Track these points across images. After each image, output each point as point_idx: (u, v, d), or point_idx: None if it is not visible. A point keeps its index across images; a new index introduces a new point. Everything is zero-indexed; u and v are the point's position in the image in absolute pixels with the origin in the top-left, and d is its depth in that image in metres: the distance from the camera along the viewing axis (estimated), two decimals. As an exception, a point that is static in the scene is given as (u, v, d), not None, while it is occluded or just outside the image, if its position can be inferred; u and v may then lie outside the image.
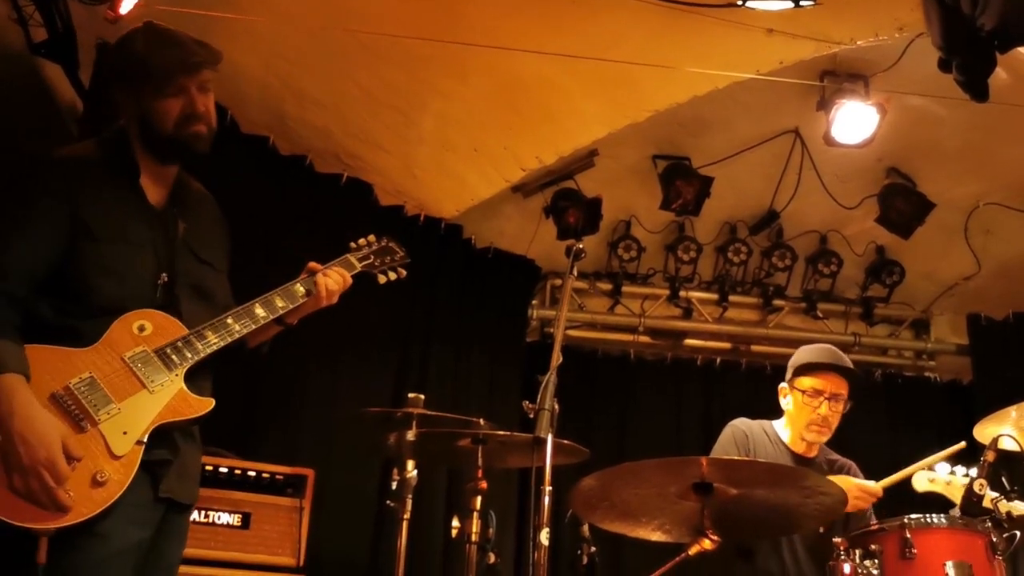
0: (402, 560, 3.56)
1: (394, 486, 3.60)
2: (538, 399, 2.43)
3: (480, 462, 3.20)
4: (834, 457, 3.74)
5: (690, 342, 6.39)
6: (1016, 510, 3.02)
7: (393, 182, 5.41)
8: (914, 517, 2.98)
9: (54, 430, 2.06)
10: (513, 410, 4.59)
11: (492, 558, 3.22)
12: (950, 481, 3.31)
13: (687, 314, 6.34)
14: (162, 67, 2.32)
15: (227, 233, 2.62)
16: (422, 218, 5.60)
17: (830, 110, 4.95)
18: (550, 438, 2.38)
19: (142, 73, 2.33)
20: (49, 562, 2.03)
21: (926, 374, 6.50)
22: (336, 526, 4.60)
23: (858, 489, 3.37)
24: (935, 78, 3.45)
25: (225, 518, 3.74)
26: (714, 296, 6.28)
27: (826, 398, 3.56)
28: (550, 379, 2.45)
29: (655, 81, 4.55)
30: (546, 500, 2.34)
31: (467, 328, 5.66)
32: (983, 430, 3.18)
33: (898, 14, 4.18)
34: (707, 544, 2.77)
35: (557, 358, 2.52)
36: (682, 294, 6.24)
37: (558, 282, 6.25)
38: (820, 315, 6.35)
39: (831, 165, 5.55)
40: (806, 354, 3.68)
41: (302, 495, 3.92)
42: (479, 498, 3.21)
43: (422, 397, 3.69)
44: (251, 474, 3.85)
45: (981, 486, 2.97)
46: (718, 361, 6.36)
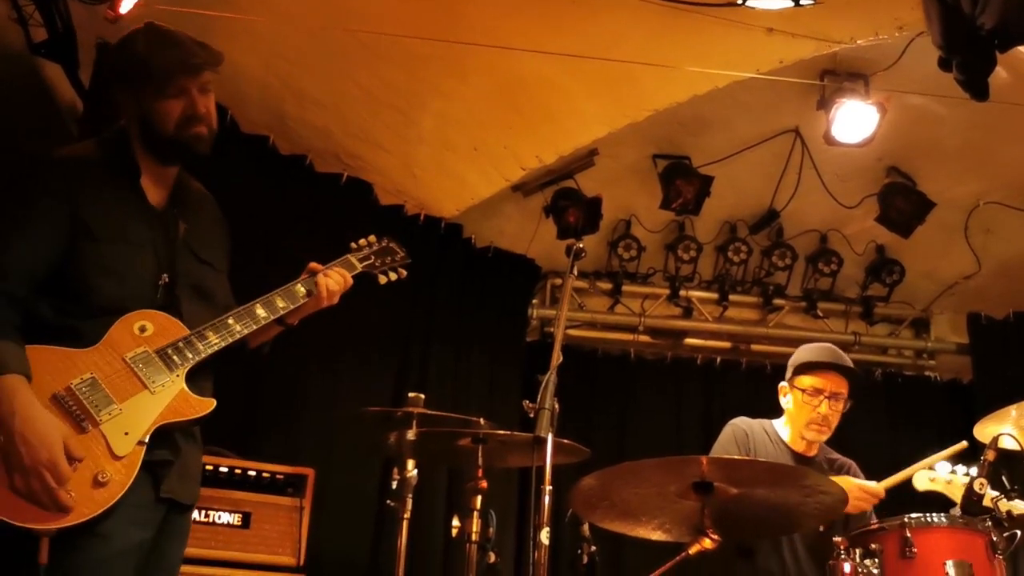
0: (402, 559, 3.56)
1: (394, 485, 3.61)
2: (538, 398, 2.43)
3: (480, 461, 3.20)
4: (834, 456, 3.74)
5: (690, 341, 6.39)
6: (1016, 509, 3.02)
7: (393, 182, 5.41)
8: (914, 516, 2.98)
9: (55, 431, 2.06)
10: (513, 409, 4.60)
11: (492, 557, 3.22)
12: (950, 480, 3.31)
13: (687, 313, 6.34)
14: (163, 68, 2.32)
15: (227, 233, 2.62)
16: (422, 217, 5.60)
17: (830, 109, 4.95)
18: (550, 437, 2.38)
19: (143, 74, 2.33)
20: (51, 562, 2.04)
21: (926, 373, 6.50)
22: (336, 526, 4.60)
23: (859, 490, 3.37)
24: (935, 77, 3.45)
25: (225, 517, 3.75)
26: (714, 295, 6.28)
27: (826, 397, 3.56)
28: (550, 378, 2.45)
29: (655, 80, 4.55)
30: (546, 499, 2.34)
31: (467, 327, 5.66)
32: (983, 429, 3.17)
33: (898, 13, 4.17)
34: (707, 543, 2.77)
35: (557, 357, 2.52)
36: (682, 293, 6.24)
37: (558, 281, 6.25)
38: (820, 314, 6.35)
39: (831, 164, 5.55)
40: (806, 353, 3.68)
41: (302, 495, 3.92)
42: (479, 497, 3.21)
43: (422, 396, 3.69)
44: (251, 474, 3.85)
45: (981, 485, 2.96)
46: (718, 360, 6.36)
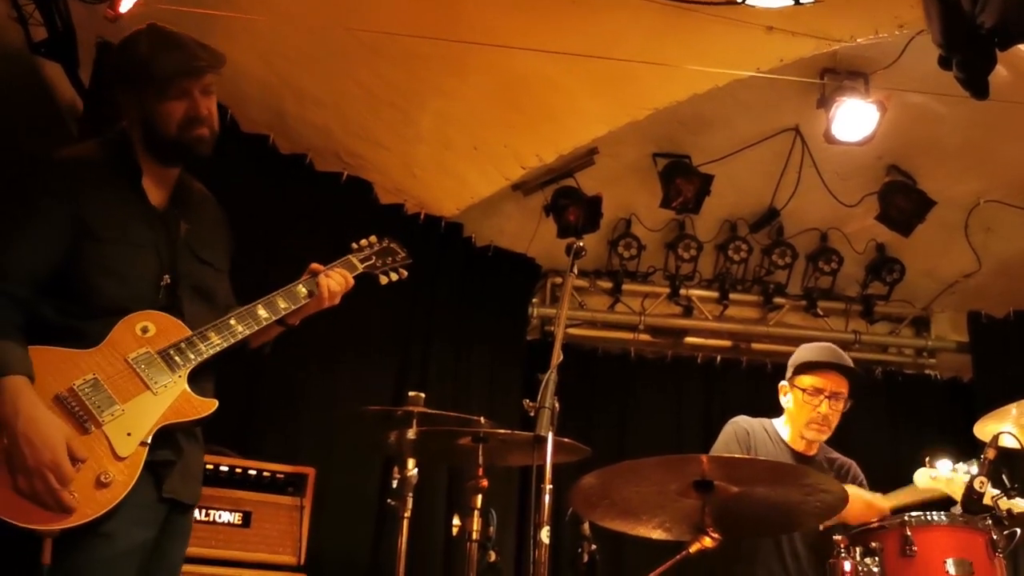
0: (403, 558, 3.56)
1: (395, 484, 3.61)
2: (538, 397, 2.43)
3: (481, 460, 3.20)
4: (834, 456, 3.74)
5: (690, 340, 6.39)
6: (1016, 507, 3.02)
7: (393, 180, 5.41)
8: (915, 514, 2.99)
9: (58, 432, 2.06)
10: (514, 408, 4.59)
11: (493, 556, 3.23)
12: (951, 478, 3.31)
13: (687, 312, 6.34)
14: (166, 70, 2.31)
15: (229, 234, 2.63)
16: (422, 216, 5.60)
17: (830, 108, 4.94)
18: (550, 436, 2.39)
19: (145, 76, 2.32)
20: (54, 563, 2.04)
21: (926, 372, 6.50)
22: (337, 525, 4.60)
23: (865, 506, 3.36)
24: (935, 75, 3.45)
25: (226, 517, 3.75)
26: (714, 294, 6.28)
27: (826, 396, 3.56)
28: (550, 377, 2.45)
29: (655, 79, 4.55)
30: (547, 498, 2.35)
31: (467, 326, 5.66)
32: (983, 428, 3.17)
33: (898, 12, 4.17)
34: (708, 542, 2.77)
35: (557, 356, 2.52)
36: (682, 292, 6.24)
37: (558, 280, 6.25)
38: (820, 313, 6.35)
39: (831, 163, 5.55)
40: (807, 352, 3.68)
41: (303, 494, 3.92)
42: (480, 496, 3.22)
43: (422, 395, 3.69)
44: (252, 473, 3.85)
45: (982, 484, 2.96)
46: (718, 359, 6.37)
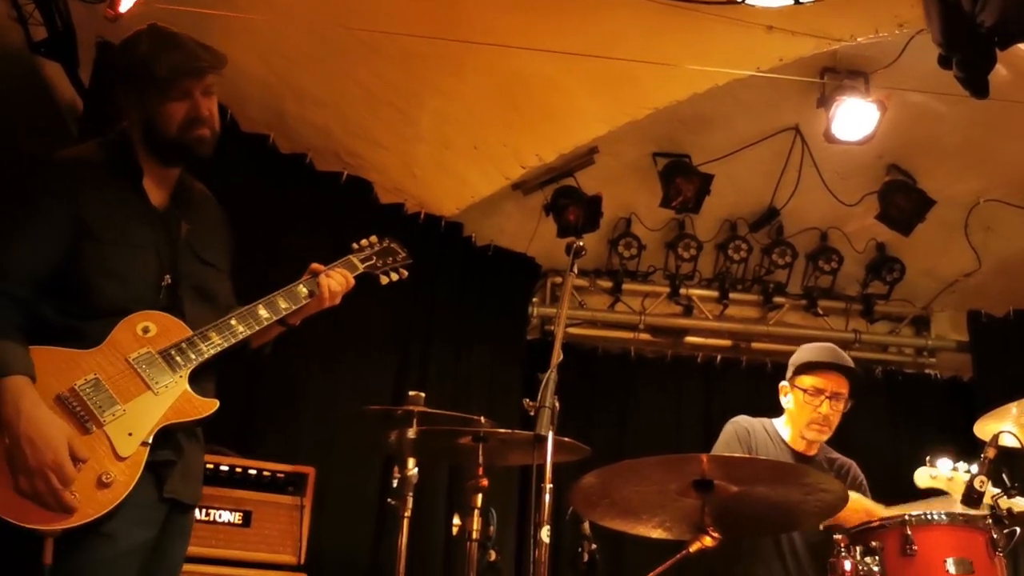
0: (403, 558, 3.56)
1: (395, 484, 3.61)
2: (539, 397, 2.43)
3: (481, 460, 3.20)
4: (834, 456, 3.74)
5: (690, 339, 6.39)
6: (1017, 506, 3.02)
7: (393, 180, 5.41)
8: (915, 513, 2.98)
9: (60, 432, 2.06)
10: (514, 408, 4.60)
11: (493, 556, 3.23)
12: (952, 477, 3.31)
13: (687, 311, 6.34)
14: (167, 71, 2.31)
15: (229, 234, 2.63)
16: (422, 216, 5.60)
17: (830, 107, 4.94)
18: (551, 436, 2.39)
19: (146, 76, 2.32)
20: (55, 563, 2.04)
21: (926, 371, 6.51)
22: (337, 524, 4.60)
23: (866, 514, 3.36)
24: (935, 75, 3.45)
25: (226, 516, 3.75)
26: (714, 293, 6.28)
27: (827, 397, 3.56)
28: (551, 377, 2.45)
29: (655, 78, 4.55)
30: (547, 498, 2.35)
31: (467, 326, 5.66)
32: (983, 427, 3.17)
33: (898, 11, 4.17)
34: (708, 541, 2.77)
35: (557, 356, 2.52)
36: (682, 291, 6.25)
37: (558, 280, 6.25)
38: (820, 312, 6.35)
39: (831, 162, 5.54)
40: (807, 353, 3.68)
41: (303, 493, 3.92)
42: (480, 496, 3.21)
43: (423, 395, 3.69)
44: (252, 472, 3.85)
45: (982, 482, 2.96)
46: (718, 358, 6.37)
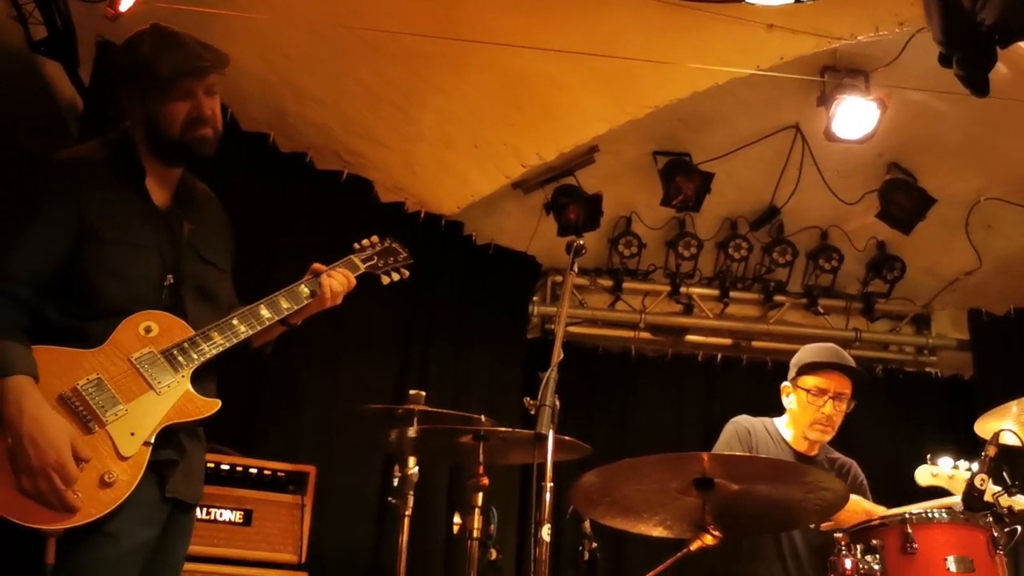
0: (404, 556, 3.57)
1: (396, 483, 3.62)
2: (539, 395, 2.43)
3: (481, 458, 3.20)
4: (835, 456, 3.74)
5: (691, 338, 6.39)
6: (1017, 505, 3.02)
7: (393, 179, 5.41)
8: (915, 512, 2.98)
9: (63, 432, 2.06)
10: (514, 406, 4.60)
11: (494, 554, 3.23)
12: (952, 476, 3.31)
13: (688, 310, 6.34)
14: (169, 71, 2.31)
15: (231, 234, 2.63)
16: (422, 215, 5.60)
17: (830, 105, 4.94)
18: (551, 434, 2.39)
19: (148, 76, 2.32)
20: (57, 562, 2.04)
21: (927, 369, 6.51)
22: (338, 523, 4.61)
23: (865, 515, 3.36)
24: (936, 73, 3.45)
25: (227, 515, 3.75)
26: (715, 292, 6.28)
27: (830, 397, 3.56)
28: (551, 375, 2.45)
29: (655, 77, 4.55)
30: (547, 496, 2.35)
31: (468, 325, 5.66)
32: (984, 425, 3.17)
33: (898, 9, 4.18)
34: (708, 540, 2.77)
35: (558, 354, 2.52)
36: (683, 290, 6.25)
37: (559, 279, 6.25)
38: (821, 311, 6.35)
39: (832, 160, 5.54)
40: (810, 353, 3.67)
41: (304, 492, 3.93)
42: (480, 494, 3.21)
43: (423, 394, 3.69)
44: (253, 471, 3.86)
45: (982, 481, 2.96)
46: (719, 357, 6.37)
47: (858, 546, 2.93)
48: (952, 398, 6.34)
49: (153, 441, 2.17)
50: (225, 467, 3.80)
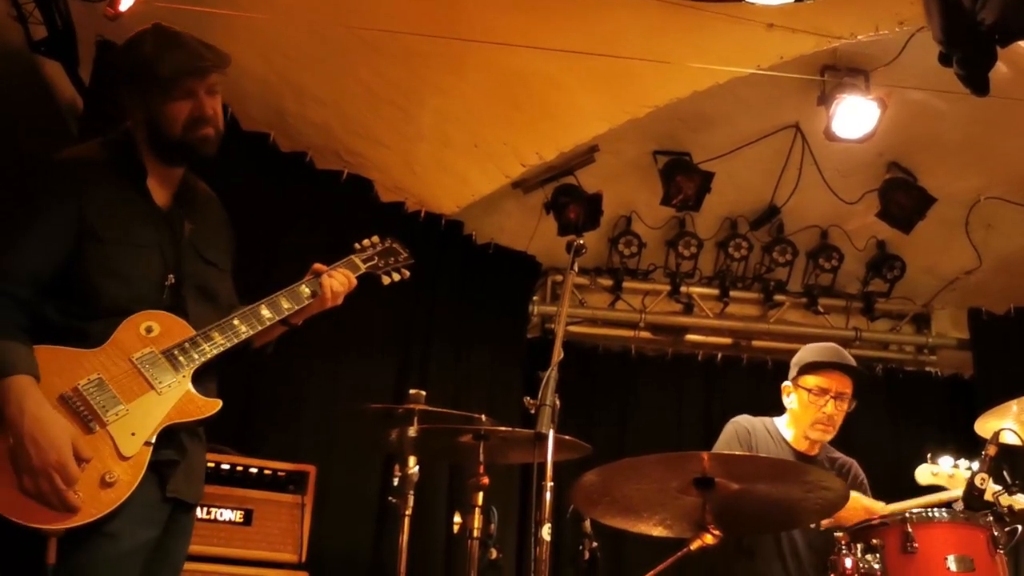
0: (404, 556, 3.57)
1: (396, 482, 3.61)
2: (539, 395, 2.43)
3: (482, 458, 3.20)
4: (835, 455, 3.74)
5: (691, 338, 6.39)
6: (1018, 504, 3.02)
7: (393, 178, 5.41)
8: (916, 511, 2.99)
9: (64, 432, 2.06)
10: (514, 406, 4.59)
11: (494, 554, 3.23)
12: (952, 475, 3.31)
13: (688, 310, 6.34)
14: (170, 70, 2.31)
15: (232, 234, 2.63)
16: (422, 214, 5.60)
17: (831, 105, 4.94)
18: (551, 434, 2.39)
19: (150, 76, 2.32)
20: (58, 562, 2.04)
21: (927, 369, 6.51)
22: (338, 522, 4.61)
23: (865, 512, 3.36)
24: (936, 72, 3.45)
25: (227, 514, 3.75)
26: (715, 291, 6.28)
27: (832, 397, 3.56)
28: (551, 375, 2.45)
29: (655, 76, 4.55)
30: (547, 496, 2.35)
31: (468, 324, 5.67)
32: (984, 424, 3.17)
33: (898, 8, 4.18)
34: (709, 539, 2.77)
35: (558, 354, 2.52)
36: (683, 290, 6.25)
37: (559, 278, 6.25)
38: (821, 310, 6.35)
39: (832, 160, 5.55)
40: (811, 353, 3.67)
41: (304, 491, 3.93)
42: (481, 494, 3.21)
43: (423, 393, 3.69)
44: (253, 471, 3.86)
45: (983, 480, 2.96)
46: (719, 356, 6.37)
47: (858, 545, 2.94)
48: (952, 397, 6.34)
49: (154, 441, 2.17)
50: (225, 467, 3.80)
